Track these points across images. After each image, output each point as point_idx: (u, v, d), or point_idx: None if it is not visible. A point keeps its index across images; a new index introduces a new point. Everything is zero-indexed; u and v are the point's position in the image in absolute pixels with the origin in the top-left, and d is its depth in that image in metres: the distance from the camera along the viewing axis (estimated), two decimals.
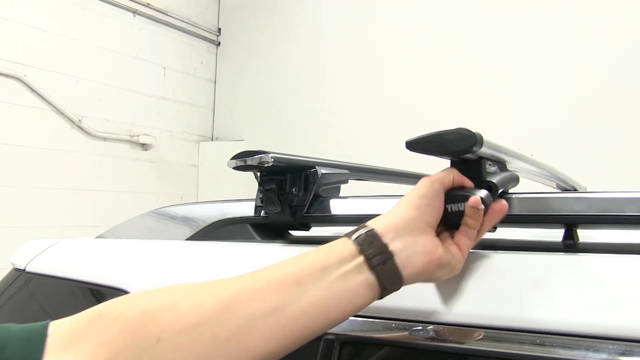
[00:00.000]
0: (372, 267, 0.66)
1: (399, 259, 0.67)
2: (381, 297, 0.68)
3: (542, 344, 0.66)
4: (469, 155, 0.79)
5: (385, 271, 0.67)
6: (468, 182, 0.78)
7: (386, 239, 0.68)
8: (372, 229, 0.69)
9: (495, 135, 0.81)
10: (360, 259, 0.66)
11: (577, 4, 3.97)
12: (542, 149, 3.36)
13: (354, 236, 0.68)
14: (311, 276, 0.65)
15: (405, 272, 0.68)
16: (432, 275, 0.71)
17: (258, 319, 0.62)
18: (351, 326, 0.80)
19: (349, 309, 0.66)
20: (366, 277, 0.66)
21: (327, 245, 0.69)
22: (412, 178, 1.63)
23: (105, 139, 4.76)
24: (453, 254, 0.73)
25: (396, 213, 0.72)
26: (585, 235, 0.88)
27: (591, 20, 3.89)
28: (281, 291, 0.64)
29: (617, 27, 3.78)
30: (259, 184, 1.08)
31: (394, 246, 0.68)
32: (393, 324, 0.77)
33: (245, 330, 0.61)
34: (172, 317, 0.61)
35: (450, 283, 0.79)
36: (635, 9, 3.73)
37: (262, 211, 1.11)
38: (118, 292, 1.13)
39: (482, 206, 0.74)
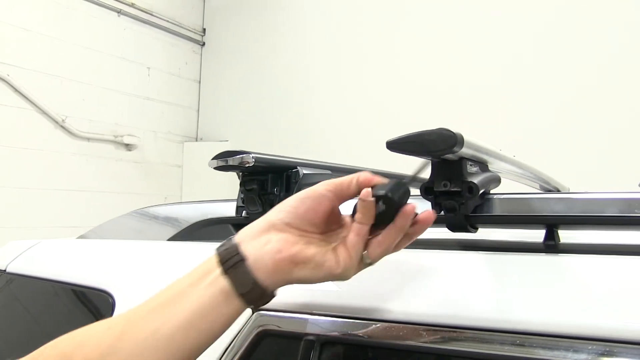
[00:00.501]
0: (225, 273, 0.68)
1: (250, 261, 0.68)
2: (248, 304, 0.69)
3: (522, 345, 0.66)
4: (449, 156, 0.79)
5: (237, 275, 0.68)
6: (378, 180, 0.75)
7: (242, 246, 0.69)
8: (232, 238, 0.71)
9: (482, 135, 0.81)
10: (218, 269, 0.69)
11: (568, 4, 3.99)
12: (531, 150, 3.38)
13: (219, 248, 0.71)
14: (182, 294, 0.68)
15: (259, 274, 0.68)
16: (292, 275, 0.70)
17: (142, 343, 0.66)
18: (332, 326, 0.80)
19: (218, 319, 0.68)
20: (222, 284, 0.68)
21: (202, 262, 0.71)
22: (394, 178, 1.63)
23: (89, 139, 4.74)
24: (338, 255, 0.71)
25: (260, 218, 0.73)
26: (566, 235, 0.88)
27: (581, 19, 3.92)
28: (158, 314, 0.68)
29: (607, 26, 3.81)
30: (240, 184, 1.08)
31: (246, 250, 0.69)
32: (374, 324, 0.77)
33: (135, 357, 0.66)
34: (81, 354, 0.67)
35: (429, 283, 0.79)
36: (624, 10, 3.75)
37: (244, 211, 1.10)
38: (99, 292, 1.13)
39: (371, 198, 0.70)
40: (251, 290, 0.68)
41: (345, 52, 5.00)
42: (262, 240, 0.70)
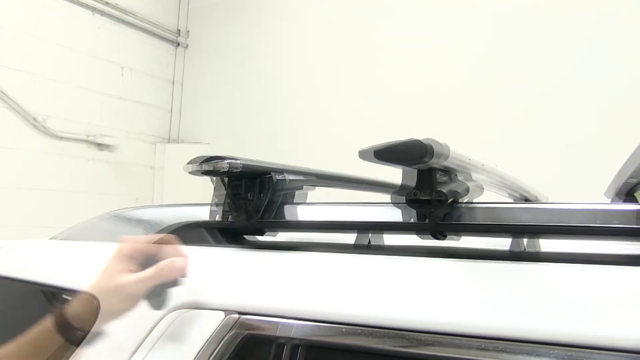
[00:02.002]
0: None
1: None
2: None
3: (486, 349, 0.68)
4: (419, 166, 0.81)
5: None
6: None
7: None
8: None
9: (457, 142, 0.83)
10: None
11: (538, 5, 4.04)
12: (503, 154, 3.41)
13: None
14: None
15: None
16: None
17: None
18: (314, 331, 0.81)
19: None
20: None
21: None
22: (371, 185, 1.65)
23: (62, 138, 4.69)
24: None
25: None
26: (532, 244, 0.91)
27: (550, 20, 3.96)
28: None
29: (575, 27, 3.87)
30: (215, 189, 1.09)
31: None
32: (355, 329, 0.78)
33: None
34: None
35: (406, 291, 0.81)
36: (592, 10, 3.81)
37: (217, 216, 1.12)
38: (73, 294, 1.13)
39: None
40: None
41: (325, 56, 4.99)
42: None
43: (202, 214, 1.17)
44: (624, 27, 3.72)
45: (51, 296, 1.26)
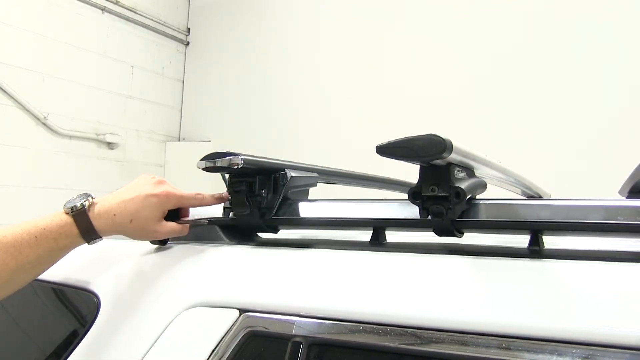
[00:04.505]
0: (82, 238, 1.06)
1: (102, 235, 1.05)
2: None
3: (507, 348, 0.67)
4: (438, 161, 0.80)
5: (92, 241, 1.07)
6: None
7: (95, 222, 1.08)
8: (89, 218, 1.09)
9: (464, 141, 0.82)
10: (77, 233, 1.07)
11: (549, 6, 4.02)
12: (511, 152, 3.40)
13: (75, 214, 1.11)
14: (47, 248, 1.06)
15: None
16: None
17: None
18: (319, 329, 0.80)
19: None
20: (79, 242, 1.07)
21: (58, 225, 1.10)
22: (380, 182, 1.64)
23: (71, 137, 4.70)
24: None
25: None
26: (551, 241, 0.89)
27: (561, 21, 3.95)
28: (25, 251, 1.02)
29: (587, 27, 3.85)
30: (228, 186, 1.08)
31: (98, 229, 1.06)
32: (360, 326, 0.77)
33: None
34: None
35: (416, 287, 0.80)
36: (604, 10, 3.79)
37: (231, 213, 1.11)
38: (84, 292, 1.12)
39: None
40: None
41: (329, 54, 5.00)
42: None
43: (212, 211, 1.16)
44: (637, 25, 3.70)
45: (64, 295, 1.25)
